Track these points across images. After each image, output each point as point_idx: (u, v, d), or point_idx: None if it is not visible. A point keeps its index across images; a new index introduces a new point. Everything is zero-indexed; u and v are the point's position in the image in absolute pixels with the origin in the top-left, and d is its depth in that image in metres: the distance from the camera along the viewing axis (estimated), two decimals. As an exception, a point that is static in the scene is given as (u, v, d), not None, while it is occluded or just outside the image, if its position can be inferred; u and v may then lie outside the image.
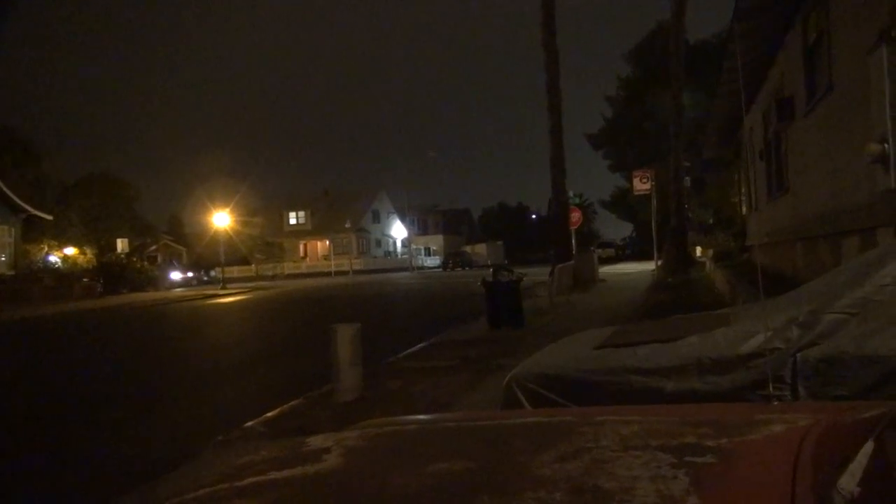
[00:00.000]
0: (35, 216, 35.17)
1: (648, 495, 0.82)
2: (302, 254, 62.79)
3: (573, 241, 22.46)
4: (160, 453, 5.21)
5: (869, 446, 0.92)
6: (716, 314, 3.49)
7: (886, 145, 4.44)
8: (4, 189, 32.72)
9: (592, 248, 33.49)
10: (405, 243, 67.00)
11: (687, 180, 24.49)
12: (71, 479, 4.87)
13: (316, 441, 1.32)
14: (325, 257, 57.97)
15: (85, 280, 33.38)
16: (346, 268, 51.31)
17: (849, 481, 0.83)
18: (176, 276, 43.96)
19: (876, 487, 0.88)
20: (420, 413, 5.26)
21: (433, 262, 64.55)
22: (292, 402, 6.15)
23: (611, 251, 52.71)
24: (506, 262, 50.81)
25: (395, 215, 69.92)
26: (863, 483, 0.83)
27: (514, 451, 1.11)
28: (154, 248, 52.95)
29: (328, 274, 50.60)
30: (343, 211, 61.68)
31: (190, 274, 45.82)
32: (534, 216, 78.06)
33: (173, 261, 50.78)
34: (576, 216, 23.46)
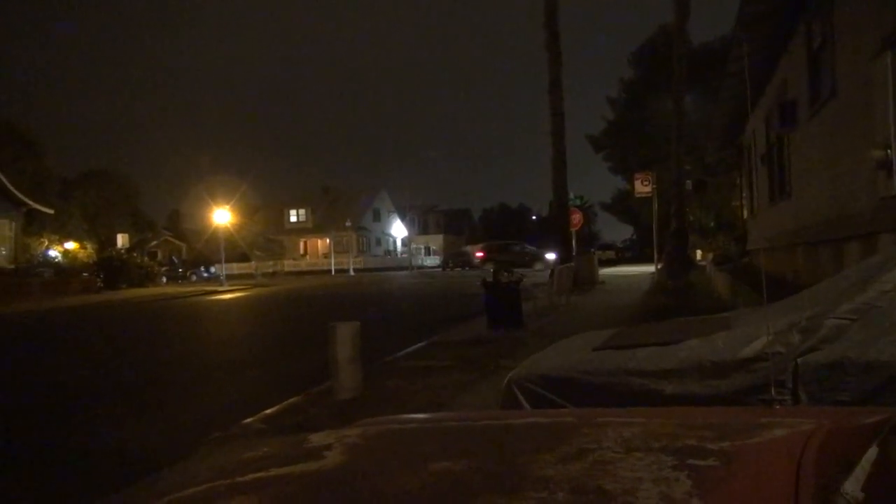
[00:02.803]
0: (36, 210, 35.21)
1: (651, 497, 0.82)
2: (302, 251, 62.82)
3: (573, 243, 22.45)
4: (156, 449, 5.20)
5: (873, 451, 0.92)
6: (716, 318, 3.49)
7: (889, 151, 4.44)
8: (5, 182, 32.74)
9: (593, 249, 33.49)
10: (405, 242, 66.97)
11: (688, 183, 24.42)
12: (66, 474, 4.87)
13: (317, 438, 1.32)
14: (326, 255, 57.94)
15: (84, 275, 33.36)
16: (346, 266, 51.34)
17: (853, 486, 0.82)
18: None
19: (880, 493, 0.88)
20: (418, 412, 5.26)
21: (433, 261, 64.52)
22: (291, 400, 6.15)
23: (611, 253, 52.61)
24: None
25: (395, 214, 69.91)
26: (866, 488, 0.83)
27: (516, 451, 1.11)
28: (154, 243, 53.03)
29: (328, 272, 50.61)
30: (344, 209, 61.66)
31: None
32: (534, 217, 78.05)
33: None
34: (576, 218, 23.42)
